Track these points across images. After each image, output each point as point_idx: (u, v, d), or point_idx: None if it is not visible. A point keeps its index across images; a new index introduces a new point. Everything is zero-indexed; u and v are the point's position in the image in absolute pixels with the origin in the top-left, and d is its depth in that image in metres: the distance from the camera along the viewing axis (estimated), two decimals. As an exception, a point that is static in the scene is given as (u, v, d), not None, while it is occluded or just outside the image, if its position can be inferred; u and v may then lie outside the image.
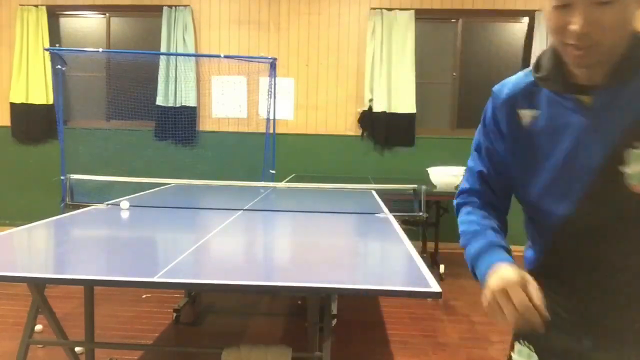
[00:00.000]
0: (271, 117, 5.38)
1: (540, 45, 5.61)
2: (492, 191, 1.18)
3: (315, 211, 3.14)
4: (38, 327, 3.10)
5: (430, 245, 5.20)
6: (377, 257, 2.24)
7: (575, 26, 0.90)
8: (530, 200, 1.09)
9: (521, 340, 1.16)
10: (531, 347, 1.14)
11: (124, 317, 3.61)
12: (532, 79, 1.07)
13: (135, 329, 3.42)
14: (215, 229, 2.51)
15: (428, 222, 4.94)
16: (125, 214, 2.90)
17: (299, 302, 3.93)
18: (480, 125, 1.18)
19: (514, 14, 5.85)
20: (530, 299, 0.90)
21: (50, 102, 5.88)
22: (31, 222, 2.47)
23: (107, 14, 6.06)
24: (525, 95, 1.07)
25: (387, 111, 5.71)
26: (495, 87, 1.15)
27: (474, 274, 1.09)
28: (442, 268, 4.75)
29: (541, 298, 0.91)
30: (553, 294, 1.06)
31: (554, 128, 1.02)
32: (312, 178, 5.26)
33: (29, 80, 5.90)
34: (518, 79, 1.11)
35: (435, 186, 4.73)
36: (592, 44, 0.91)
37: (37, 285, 2.20)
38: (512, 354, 1.18)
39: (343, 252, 2.20)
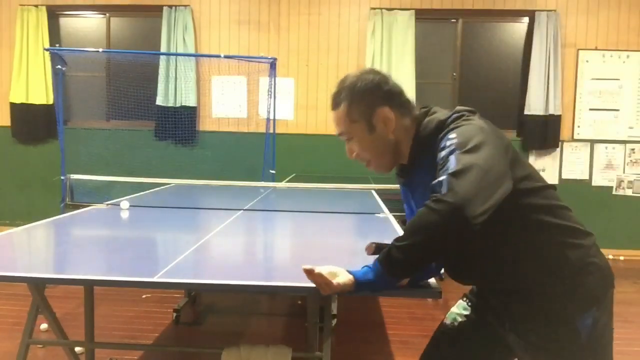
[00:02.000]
0: (271, 117, 5.38)
1: (540, 45, 5.61)
2: None
3: (315, 211, 3.14)
4: (43, 326, 3.10)
5: (430, 245, 5.19)
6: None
7: (348, 154, 1.46)
8: None
9: (464, 298, 1.56)
10: (470, 304, 1.53)
11: (124, 317, 3.61)
12: None
13: (135, 329, 3.42)
14: (215, 229, 2.51)
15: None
16: (125, 214, 2.90)
17: (299, 302, 3.92)
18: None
19: (514, 14, 5.85)
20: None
21: (50, 102, 5.88)
22: (31, 222, 2.47)
23: (107, 14, 6.06)
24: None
25: (387, 111, 5.71)
26: None
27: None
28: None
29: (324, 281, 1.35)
30: None
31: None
32: (312, 178, 5.25)
33: (29, 80, 5.90)
34: None
35: (435, 186, 4.71)
36: (365, 161, 1.44)
37: (37, 285, 2.20)
38: (452, 308, 1.57)
39: (343, 252, 2.20)
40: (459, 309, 1.54)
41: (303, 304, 3.79)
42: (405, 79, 5.70)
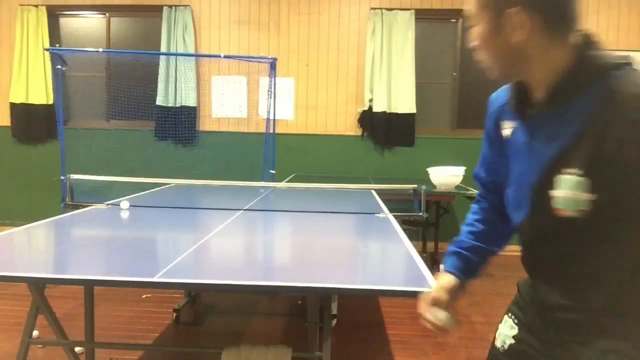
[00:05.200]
0: (271, 117, 5.38)
1: (540, 45, 5.61)
2: (490, 193, 1.31)
3: (315, 211, 3.14)
4: (35, 333, 3.07)
5: (430, 245, 5.19)
6: (377, 257, 2.24)
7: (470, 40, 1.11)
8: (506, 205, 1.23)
9: (509, 314, 1.29)
10: (516, 321, 1.25)
11: (124, 317, 3.61)
12: None
13: (135, 329, 3.42)
14: (215, 229, 2.51)
15: (428, 222, 4.94)
16: (125, 214, 2.90)
17: (299, 302, 3.93)
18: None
19: (514, 14, 5.84)
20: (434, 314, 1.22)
21: (50, 102, 5.89)
22: (31, 222, 2.47)
23: (107, 14, 6.06)
24: (509, 108, 1.16)
25: (387, 111, 5.72)
26: (492, 96, 1.25)
27: None
28: (442, 268, 4.75)
29: (440, 317, 1.21)
30: (533, 282, 1.20)
31: (517, 143, 1.13)
32: (312, 178, 5.26)
33: (29, 80, 5.90)
34: (506, 90, 1.19)
35: (435, 186, 4.73)
36: (483, 58, 1.10)
37: (37, 285, 2.20)
38: (500, 324, 1.31)
39: (343, 252, 2.20)
40: (507, 328, 1.29)
41: (303, 304, 3.79)
42: (405, 79, 5.70)
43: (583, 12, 5.44)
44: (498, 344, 1.29)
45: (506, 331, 1.28)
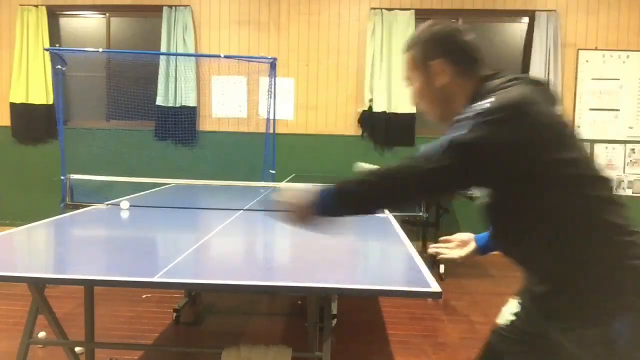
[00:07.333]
0: (271, 117, 5.38)
1: (540, 45, 5.61)
2: None
3: (315, 211, 3.13)
4: (42, 334, 3.05)
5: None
6: (377, 257, 2.24)
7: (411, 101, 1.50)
8: None
9: (517, 297, 1.49)
10: (520, 302, 1.47)
11: (124, 317, 3.61)
12: None
13: (135, 329, 3.42)
14: (215, 229, 2.51)
15: (428, 222, 4.94)
16: (125, 214, 2.90)
17: (299, 302, 3.92)
18: None
19: (514, 14, 5.85)
20: None
21: (50, 102, 5.88)
22: (31, 222, 2.47)
23: (107, 14, 6.06)
24: None
25: (387, 111, 5.71)
26: None
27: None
28: (442, 268, 4.75)
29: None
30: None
31: None
32: (312, 178, 5.25)
33: (29, 80, 5.90)
34: None
35: (435, 186, 4.72)
36: (424, 110, 1.46)
37: (37, 285, 2.20)
38: (504, 307, 1.52)
39: (343, 252, 2.20)
40: (511, 308, 1.49)
41: (303, 304, 3.79)
42: (405, 79, 5.70)
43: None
44: (501, 321, 1.51)
45: (510, 310, 1.49)
